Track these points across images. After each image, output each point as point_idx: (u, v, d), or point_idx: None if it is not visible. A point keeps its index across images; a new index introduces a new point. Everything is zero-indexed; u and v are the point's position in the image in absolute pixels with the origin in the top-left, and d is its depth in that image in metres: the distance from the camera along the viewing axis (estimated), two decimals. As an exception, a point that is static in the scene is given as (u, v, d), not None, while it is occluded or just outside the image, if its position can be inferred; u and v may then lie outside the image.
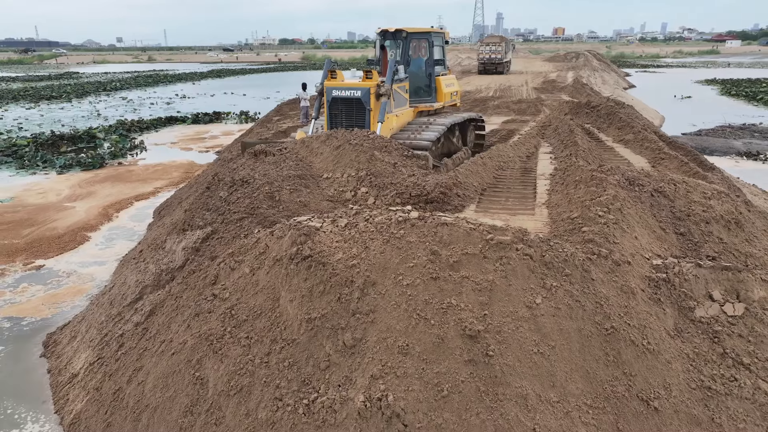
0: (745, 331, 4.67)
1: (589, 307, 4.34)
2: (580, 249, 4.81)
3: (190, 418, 4.23)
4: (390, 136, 8.84)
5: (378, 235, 4.68)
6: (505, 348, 3.99)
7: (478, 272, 4.38)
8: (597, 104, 12.01)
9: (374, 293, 4.30)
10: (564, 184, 6.54)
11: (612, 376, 4.07)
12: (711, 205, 6.07)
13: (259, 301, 4.68)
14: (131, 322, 5.77)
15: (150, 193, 12.66)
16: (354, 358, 4.04)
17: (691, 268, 5.06)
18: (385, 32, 10.37)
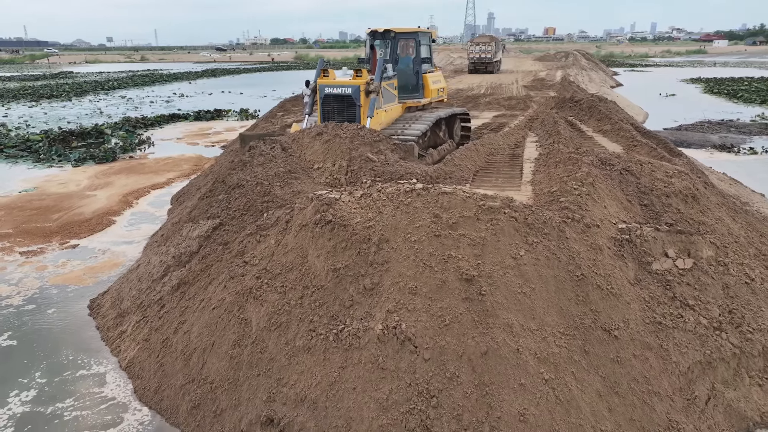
0: (692, 280, 5.66)
1: (564, 259, 5.30)
2: (557, 214, 5.77)
3: (238, 349, 5.14)
4: (379, 131, 9.43)
5: (389, 203, 5.62)
6: (494, 289, 4.93)
7: (472, 231, 5.32)
8: (579, 99, 13.03)
9: (388, 248, 5.23)
10: (546, 165, 7.51)
11: (581, 312, 5.03)
12: (672, 182, 7.06)
13: (289, 258, 5.60)
14: (167, 289, 6.67)
15: (164, 183, 13.52)
16: (373, 297, 4.97)
17: (650, 231, 6.05)
18: (375, 32, 10.95)
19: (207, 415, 4.95)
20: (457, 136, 11.79)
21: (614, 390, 4.67)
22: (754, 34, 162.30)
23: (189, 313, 5.98)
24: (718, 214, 6.97)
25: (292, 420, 4.51)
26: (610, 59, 79.01)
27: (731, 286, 5.76)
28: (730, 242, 6.44)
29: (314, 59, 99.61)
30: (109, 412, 5.18)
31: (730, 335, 5.24)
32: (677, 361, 4.97)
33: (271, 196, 7.41)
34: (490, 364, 4.51)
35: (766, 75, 46.79)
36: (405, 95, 10.83)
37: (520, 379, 4.47)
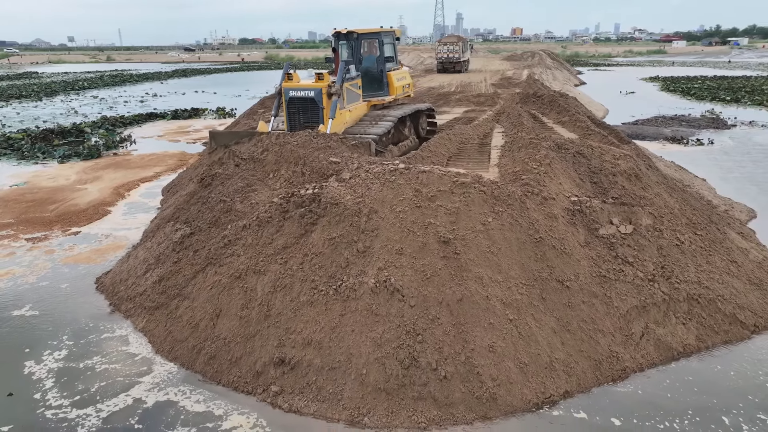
0: (632, 243, 6.73)
1: (525, 225, 6.29)
2: (519, 189, 6.77)
3: (246, 311, 5.93)
4: (344, 130, 9.85)
5: (376, 180, 6.52)
6: (467, 249, 5.88)
7: (448, 202, 6.26)
8: (541, 94, 14.16)
9: (376, 218, 6.13)
10: (511, 150, 8.52)
11: (539, 267, 6.03)
12: (618, 163, 8.15)
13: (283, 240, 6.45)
14: (149, 284, 7.16)
15: (152, 177, 14.10)
16: (365, 258, 5.86)
17: (598, 203, 7.10)
18: (339, 34, 11.24)
19: (223, 363, 5.74)
20: (424, 131, 12.25)
21: (566, 328, 5.68)
22: (710, 35, 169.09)
23: (179, 299, 6.52)
24: (657, 190, 8.09)
25: (301, 359, 5.37)
26: (575, 59, 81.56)
27: (664, 248, 6.86)
28: (665, 213, 7.55)
29: (285, 59, 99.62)
30: (136, 365, 5.93)
31: (661, 285, 6.32)
32: (618, 306, 6.01)
33: (232, 210, 7.62)
34: (465, 308, 5.45)
35: (718, 74, 49.41)
36: (370, 93, 11.07)
37: (489, 320, 5.43)
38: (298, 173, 8.22)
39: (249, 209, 7.73)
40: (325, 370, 5.23)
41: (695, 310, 6.24)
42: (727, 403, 5.21)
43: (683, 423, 4.93)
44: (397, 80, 11.74)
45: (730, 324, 6.24)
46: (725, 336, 6.15)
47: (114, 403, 5.30)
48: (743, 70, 54.63)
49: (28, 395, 5.46)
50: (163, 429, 4.94)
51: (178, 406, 5.23)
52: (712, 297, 6.38)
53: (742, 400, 5.25)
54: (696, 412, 5.07)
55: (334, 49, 11.49)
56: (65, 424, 5.05)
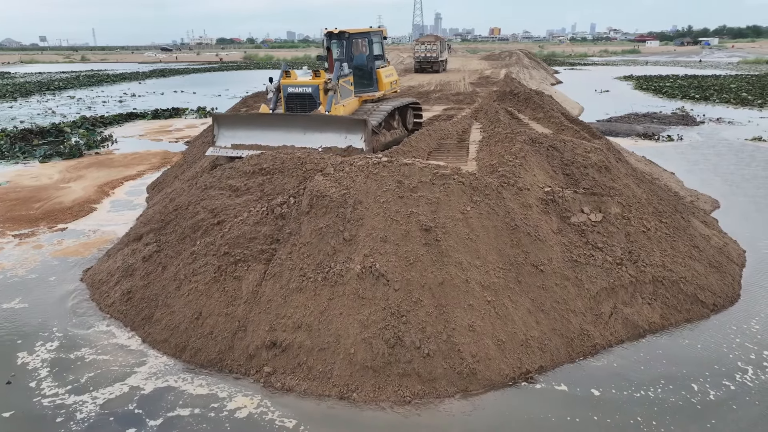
0: (602, 230, 7.16)
1: (501, 214, 6.67)
2: (495, 180, 7.15)
3: (232, 308, 6.15)
4: None
5: (360, 173, 6.83)
6: (447, 236, 6.23)
7: (429, 193, 6.61)
8: (518, 92, 14.63)
9: (361, 208, 6.45)
10: (488, 145, 8.91)
11: (515, 253, 6.41)
12: (589, 156, 8.59)
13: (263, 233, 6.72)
14: (117, 295, 7.10)
15: (136, 175, 14.20)
16: (351, 246, 6.17)
17: (570, 194, 7.53)
18: (331, 34, 11.77)
19: (211, 354, 5.94)
20: (411, 124, 12.83)
21: (540, 309, 6.07)
22: (683, 35, 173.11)
23: (151, 309, 6.59)
24: (626, 181, 8.55)
25: (292, 342, 5.66)
26: (552, 58, 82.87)
27: (632, 234, 7.31)
28: (633, 203, 8.01)
29: (263, 59, 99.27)
30: (132, 356, 6.14)
31: (628, 268, 6.76)
32: (588, 288, 6.43)
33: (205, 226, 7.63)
34: (446, 291, 5.80)
35: (689, 73, 50.83)
36: (361, 90, 11.63)
37: (468, 301, 5.79)
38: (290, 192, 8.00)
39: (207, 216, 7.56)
40: (315, 350, 5.53)
41: (660, 291, 6.70)
42: (694, 372, 5.65)
43: (657, 391, 5.35)
44: (386, 77, 12.27)
45: (692, 303, 6.71)
46: (687, 315, 6.62)
47: (110, 391, 5.49)
48: (713, 70, 56.26)
49: (24, 383, 5.64)
50: (164, 414, 5.17)
51: (178, 390, 5.46)
52: (675, 279, 6.84)
53: (708, 370, 5.70)
54: (667, 382, 5.50)
55: (327, 48, 11.97)
56: (63, 411, 5.25)
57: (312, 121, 9.23)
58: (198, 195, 7.74)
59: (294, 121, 9.36)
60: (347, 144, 8.85)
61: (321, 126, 9.12)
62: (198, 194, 7.76)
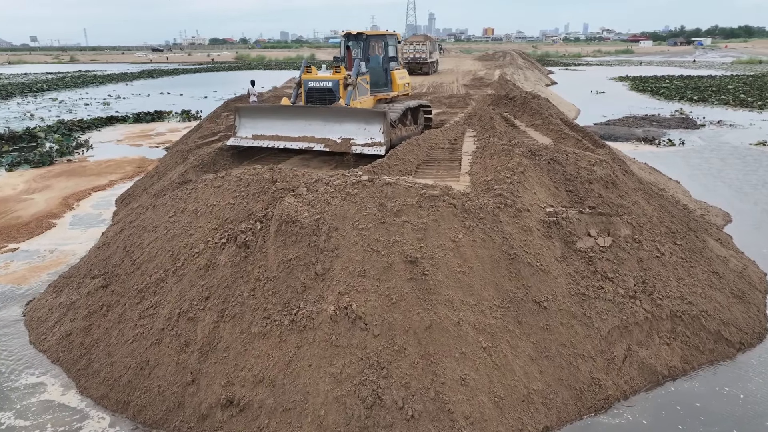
0: (611, 256, 6.33)
1: (498, 240, 5.82)
2: (491, 200, 6.30)
3: (184, 356, 5.24)
4: None
5: (337, 194, 5.96)
6: (436, 269, 5.38)
7: (415, 217, 5.75)
8: (514, 96, 13.80)
9: (337, 236, 5.58)
10: (482, 157, 8.07)
11: (514, 287, 5.56)
12: (594, 170, 7.77)
13: (221, 273, 5.84)
14: (55, 339, 6.13)
15: (106, 185, 13.26)
16: (324, 282, 5.30)
17: (575, 214, 6.69)
18: (349, 35, 12.32)
19: (158, 409, 5.03)
20: (421, 125, 13.08)
21: (544, 354, 5.22)
22: (675, 35, 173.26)
23: (90, 357, 5.70)
24: (634, 197, 7.73)
25: (252, 399, 4.78)
26: (546, 58, 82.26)
27: (644, 260, 6.48)
28: (644, 222, 7.19)
29: (255, 60, 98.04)
30: (60, 418, 5.24)
31: (643, 302, 5.93)
32: (598, 327, 5.59)
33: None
34: (434, 336, 4.95)
35: (685, 73, 50.28)
36: (376, 89, 11.98)
37: (461, 348, 4.93)
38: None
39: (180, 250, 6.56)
40: (279, 411, 4.66)
41: (679, 329, 5.87)
42: (723, 428, 4.82)
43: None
44: (400, 78, 12.73)
45: (716, 342, 5.89)
46: (711, 355, 5.80)
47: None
48: (708, 70, 55.79)
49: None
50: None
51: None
52: (695, 313, 6.02)
53: (739, 425, 4.88)
54: (685, 444, 4.67)
55: (347, 47, 12.49)
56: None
57: (332, 113, 9.45)
58: (154, 219, 6.84)
59: (314, 112, 9.61)
60: (366, 135, 9.04)
61: (341, 117, 9.33)
62: (155, 218, 6.87)
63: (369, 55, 12.04)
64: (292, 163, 9.90)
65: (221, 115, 16.84)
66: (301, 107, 10.23)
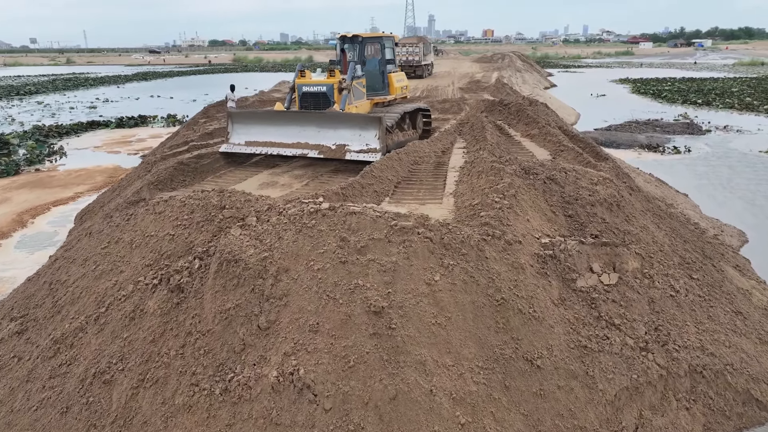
0: (618, 296, 5.36)
1: (483, 282, 4.86)
2: (476, 231, 5.33)
3: (95, 430, 4.28)
4: None
5: (291, 226, 5.00)
6: (406, 321, 4.42)
7: (383, 255, 4.79)
8: (508, 102, 12.84)
9: (287, 279, 4.62)
10: (470, 175, 7.11)
11: (501, 341, 4.59)
12: (596, 190, 6.81)
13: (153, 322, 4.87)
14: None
15: (69, 198, 12.31)
16: (268, 338, 4.34)
17: (575, 245, 5.72)
18: (344, 37, 12.02)
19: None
20: (420, 129, 12.56)
21: (537, 429, 4.26)
22: (675, 36, 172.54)
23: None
24: (643, 221, 6.78)
25: (170, 493, 3.82)
26: (545, 60, 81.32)
27: (657, 300, 5.52)
28: (654, 251, 6.24)
29: (253, 61, 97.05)
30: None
31: (656, 355, 4.96)
32: (603, 389, 4.62)
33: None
34: (400, 411, 3.98)
35: (687, 75, 49.33)
36: (373, 93, 11.72)
37: (433, 426, 3.97)
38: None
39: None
40: None
41: (700, 388, 4.90)
42: None
43: None
44: (397, 81, 12.46)
45: (745, 404, 4.92)
46: (739, 421, 4.83)
47: None
48: (709, 72, 54.86)
49: None
50: None
51: None
52: (719, 368, 5.05)
53: None
54: None
55: (342, 50, 12.19)
56: None
57: (326, 118, 9.23)
58: (87, 250, 5.88)
59: (308, 118, 9.39)
60: (362, 141, 8.80)
61: (336, 123, 9.09)
62: (87, 249, 5.90)
63: (365, 58, 11.85)
64: (287, 167, 9.56)
65: (199, 121, 15.88)
66: (294, 112, 10.06)
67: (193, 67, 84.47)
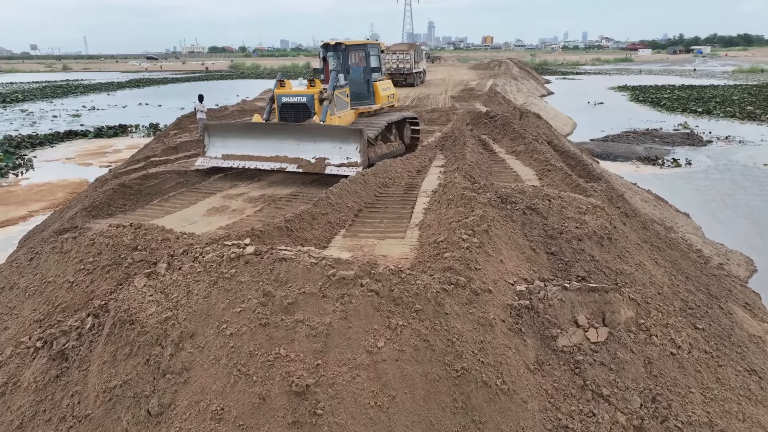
0: (608, 357, 4.44)
1: (439, 347, 3.94)
2: (436, 279, 4.42)
3: None
4: None
5: (205, 276, 4.08)
6: (337, 403, 3.50)
7: (314, 314, 3.87)
8: (495, 115, 11.96)
9: (191, 348, 3.70)
10: (439, 202, 6.20)
11: (459, 426, 3.67)
12: (585, 221, 5.90)
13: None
14: None
15: (20, 218, 11.42)
16: (159, 428, 3.41)
17: (557, 291, 4.80)
18: (327, 45, 11.75)
19: None
20: (408, 138, 12.05)
21: None
22: (674, 43, 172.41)
23: None
24: (638, 257, 5.87)
25: None
26: (544, 67, 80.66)
27: (654, 361, 4.59)
28: (652, 295, 5.33)
29: (250, 68, 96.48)
30: None
31: (654, 437, 4.03)
32: (588, 486, 3.69)
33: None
34: None
35: (686, 83, 48.57)
36: (357, 102, 11.37)
37: None
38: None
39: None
40: None
41: (709, 480, 3.97)
42: None
43: None
44: (383, 90, 12.08)
45: (763, 501, 3.99)
46: None
47: None
48: (709, 79, 54.16)
49: None
50: None
51: None
52: (731, 451, 4.12)
53: None
54: None
55: (324, 58, 11.96)
56: None
57: (306, 131, 9.01)
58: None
59: (287, 130, 9.17)
60: (342, 155, 8.47)
61: (315, 136, 8.86)
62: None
63: (349, 67, 11.54)
64: (245, 188, 8.79)
65: (169, 133, 15.01)
66: (273, 124, 9.86)
67: (189, 74, 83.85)
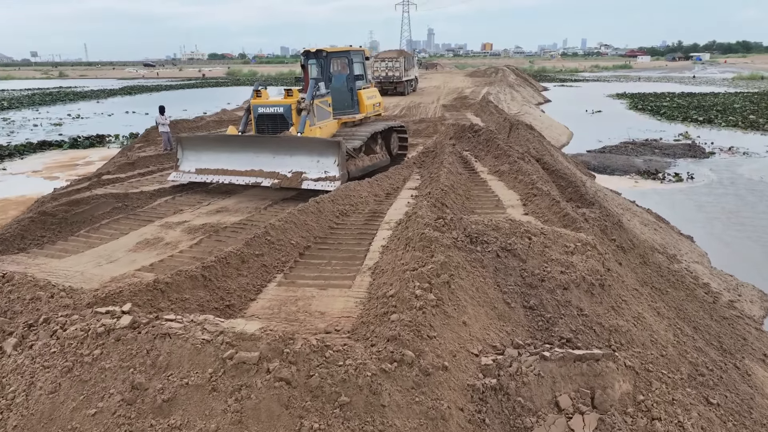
0: (598, 458, 3.42)
1: (369, 458, 2.93)
2: (375, 355, 3.41)
3: None
4: None
5: (59, 359, 3.07)
6: None
7: (198, 416, 2.86)
8: (479, 129, 10.99)
9: (20, 468, 2.69)
10: (399, 239, 5.20)
11: None
12: (572, 263, 4.90)
13: None
14: None
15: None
16: None
17: (534, 363, 3.80)
18: (308, 52, 11.34)
19: None
20: (395, 148, 11.59)
21: None
22: (673, 50, 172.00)
23: None
24: (637, 308, 4.86)
25: None
26: (542, 74, 79.82)
27: (658, 456, 3.58)
28: (654, 359, 4.33)
29: (247, 75, 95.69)
30: None
31: None
32: None
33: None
34: None
35: (686, 90, 47.67)
36: (340, 111, 10.98)
37: None
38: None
39: None
40: None
41: None
42: None
43: None
44: (368, 98, 11.70)
45: None
46: None
47: None
48: (709, 86, 53.30)
49: None
50: None
51: None
52: None
53: None
54: None
55: (303, 66, 11.63)
56: None
57: (282, 144, 8.68)
58: None
59: (263, 143, 8.88)
60: (320, 168, 8.15)
61: (291, 149, 8.53)
62: None
63: (331, 74, 11.12)
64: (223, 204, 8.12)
65: (134, 146, 14.03)
66: (248, 137, 9.46)
67: (186, 80, 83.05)
